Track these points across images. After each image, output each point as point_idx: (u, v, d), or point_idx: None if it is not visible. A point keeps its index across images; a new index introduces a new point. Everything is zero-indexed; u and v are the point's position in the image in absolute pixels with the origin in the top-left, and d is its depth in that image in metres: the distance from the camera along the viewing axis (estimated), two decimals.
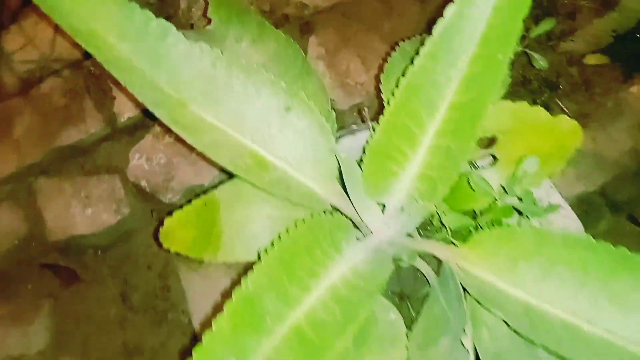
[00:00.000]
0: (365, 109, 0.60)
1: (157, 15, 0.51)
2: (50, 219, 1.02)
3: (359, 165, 0.56)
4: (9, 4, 1.18)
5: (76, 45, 1.13)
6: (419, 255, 0.62)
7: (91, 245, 1.02)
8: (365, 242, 0.57)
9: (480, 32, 0.47)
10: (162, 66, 0.52)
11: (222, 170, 0.97)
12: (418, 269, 0.65)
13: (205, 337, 0.40)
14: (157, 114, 0.52)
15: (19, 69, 1.13)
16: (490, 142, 0.57)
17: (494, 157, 0.58)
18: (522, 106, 0.57)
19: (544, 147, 0.56)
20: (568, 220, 0.68)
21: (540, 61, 0.74)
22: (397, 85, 0.50)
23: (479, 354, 0.53)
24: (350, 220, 0.57)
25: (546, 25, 0.72)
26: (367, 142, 0.53)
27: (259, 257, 0.44)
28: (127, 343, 0.96)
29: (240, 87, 0.53)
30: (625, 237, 0.94)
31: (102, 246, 1.02)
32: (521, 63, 1.03)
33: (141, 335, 0.97)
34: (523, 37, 0.77)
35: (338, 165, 0.57)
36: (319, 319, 0.45)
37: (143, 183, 1.03)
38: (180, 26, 0.54)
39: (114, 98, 1.09)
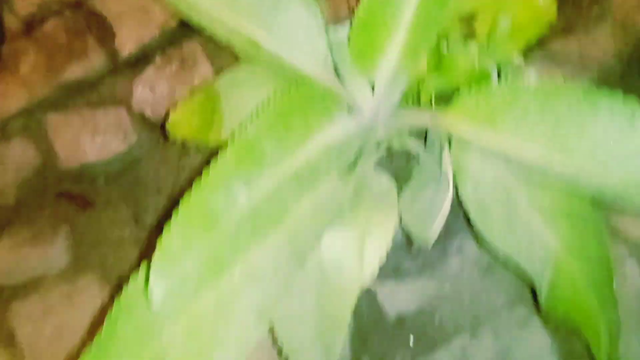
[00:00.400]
0: None
1: None
2: (61, 150, 1.07)
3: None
4: None
5: None
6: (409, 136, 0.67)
7: (102, 173, 1.07)
8: (357, 117, 0.61)
9: None
10: None
11: None
12: (410, 155, 0.69)
13: (212, 165, 0.44)
14: None
15: (21, 12, 1.17)
16: (469, 17, 0.61)
17: (473, 32, 0.62)
18: None
19: (520, 19, 0.60)
20: None
21: None
22: None
23: (464, 205, 0.58)
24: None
25: None
26: (353, 18, 0.57)
27: (257, 110, 0.49)
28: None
29: None
30: None
31: (113, 173, 1.07)
32: None
33: None
34: None
35: (329, 49, 0.61)
36: (314, 165, 0.50)
37: (148, 112, 1.08)
38: None
39: (115, 35, 1.13)
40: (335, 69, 0.60)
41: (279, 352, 0.57)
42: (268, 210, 0.45)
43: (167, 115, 0.67)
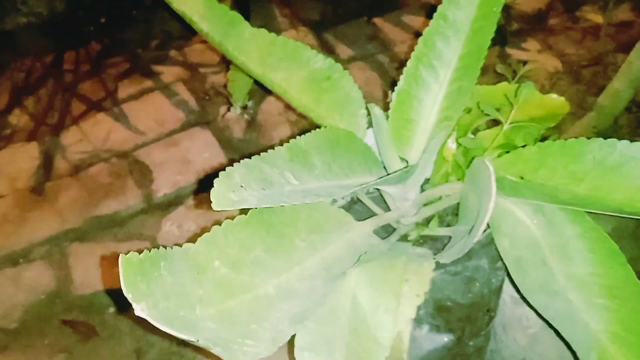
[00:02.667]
0: (391, 93, 0.71)
1: None
2: (78, 276, 1.05)
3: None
4: (72, 111, 1.39)
5: (126, 140, 1.31)
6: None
7: (114, 303, 1.04)
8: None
9: None
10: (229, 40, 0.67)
11: None
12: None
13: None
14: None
15: (72, 158, 1.28)
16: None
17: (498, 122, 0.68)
18: (514, 87, 0.69)
19: (538, 114, 0.67)
20: None
21: None
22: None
23: (503, 259, 0.56)
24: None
25: None
26: (393, 92, 0.65)
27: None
28: None
29: (288, 58, 0.67)
30: None
31: (125, 304, 1.03)
32: None
33: None
34: None
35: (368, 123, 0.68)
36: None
37: None
38: None
39: (154, 180, 1.22)
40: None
41: None
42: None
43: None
